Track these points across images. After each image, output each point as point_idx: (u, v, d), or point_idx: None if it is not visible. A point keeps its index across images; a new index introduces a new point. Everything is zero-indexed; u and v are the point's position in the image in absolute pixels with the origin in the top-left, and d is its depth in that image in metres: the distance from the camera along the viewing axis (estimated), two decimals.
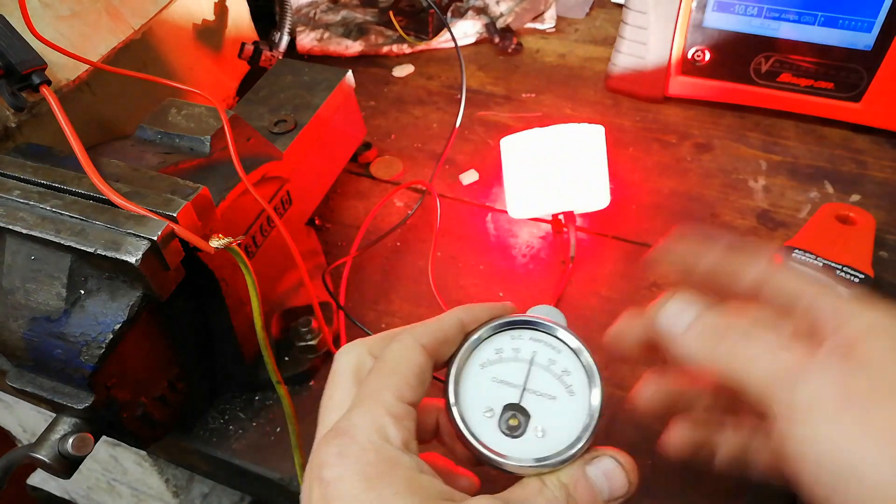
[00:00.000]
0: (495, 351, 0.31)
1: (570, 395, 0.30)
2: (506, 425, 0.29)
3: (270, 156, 0.46)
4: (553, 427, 0.29)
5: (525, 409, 0.29)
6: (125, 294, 0.35)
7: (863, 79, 0.59)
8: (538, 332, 0.31)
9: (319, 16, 0.81)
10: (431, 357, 0.28)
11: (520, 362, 0.30)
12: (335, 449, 0.24)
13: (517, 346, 0.31)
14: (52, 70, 0.45)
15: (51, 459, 0.35)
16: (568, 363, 0.30)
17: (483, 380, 0.30)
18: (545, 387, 0.30)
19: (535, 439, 0.29)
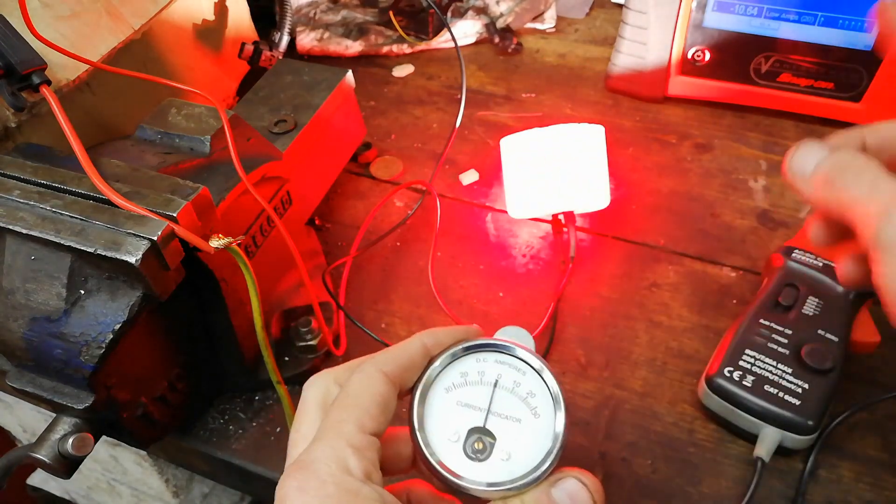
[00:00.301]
0: (460, 374, 0.31)
1: (534, 417, 0.30)
2: (471, 449, 0.29)
3: (270, 156, 0.46)
4: (518, 449, 0.29)
5: (490, 431, 0.29)
6: (125, 294, 0.35)
7: (863, 79, 0.59)
8: (503, 354, 0.31)
9: (319, 16, 0.81)
10: (395, 385, 0.28)
11: (484, 385, 0.30)
12: (295, 483, 0.24)
13: (482, 368, 0.31)
14: (52, 70, 0.45)
15: (51, 459, 0.35)
16: (533, 385, 0.30)
17: (448, 404, 0.30)
18: (510, 409, 0.30)
19: (501, 462, 0.29)
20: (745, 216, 0.57)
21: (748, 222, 0.57)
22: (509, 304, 0.53)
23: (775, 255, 0.49)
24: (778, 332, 0.45)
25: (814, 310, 0.45)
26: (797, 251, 0.48)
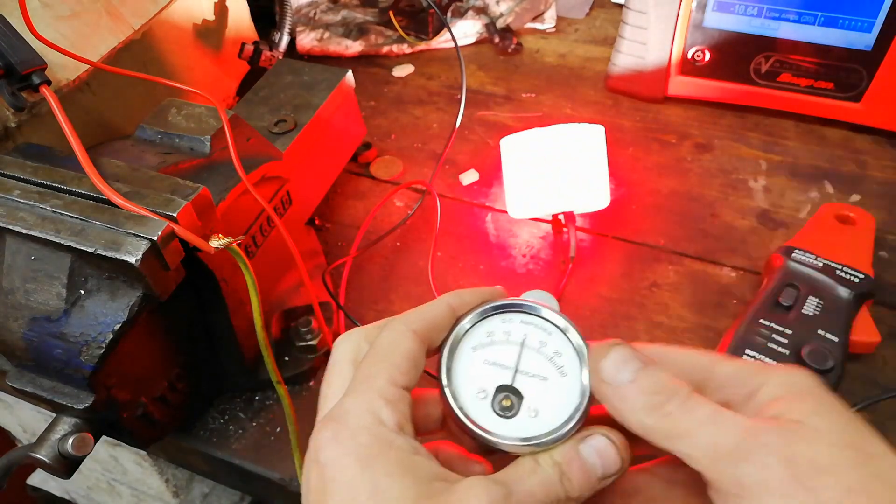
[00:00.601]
0: (487, 334, 0.31)
1: (561, 375, 0.30)
2: (499, 406, 0.30)
3: (270, 156, 0.46)
4: (545, 407, 0.29)
5: (518, 389, 0.30)
6: (125, 294, 0.35)
7: (863, 79, 0.59)
8: (528, 314, 0.31)
9: (319, 16, 0.81)
10: (423, 342, 0.29)
11: (511, 345, 0.31)
12: (329, 433, 0.25)
13: (508, 328, 0.31)
14: (52, 70, 0.45)
15: (51, 459, 0.35)
16: (559, 344, 0.30)
17: (475, 362, 0.31)
18: (537, 368, 0.30)
19: (529, 419, 0.29)
20: (745, 216, 0.57)
21: (748, 222, 0.57)
22: None
23: (775, 255, 0.49)
24: (778, 332, 0.45)
25: (814, 310, 0.45)
26: (797, 251, 0.48)
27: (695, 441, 0.24)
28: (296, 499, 0.43)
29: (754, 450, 0.23)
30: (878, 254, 0.53)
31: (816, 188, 0.59)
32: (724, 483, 0.24)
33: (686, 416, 0.25)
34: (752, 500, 0.23)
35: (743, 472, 0.23)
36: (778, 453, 0.23)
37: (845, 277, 0.46)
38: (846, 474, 0.22)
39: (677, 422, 0.25)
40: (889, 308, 0.50)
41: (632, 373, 0.26)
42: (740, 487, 0.23)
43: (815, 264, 0.47)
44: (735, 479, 0.23)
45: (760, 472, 0.23)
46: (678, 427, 0.25)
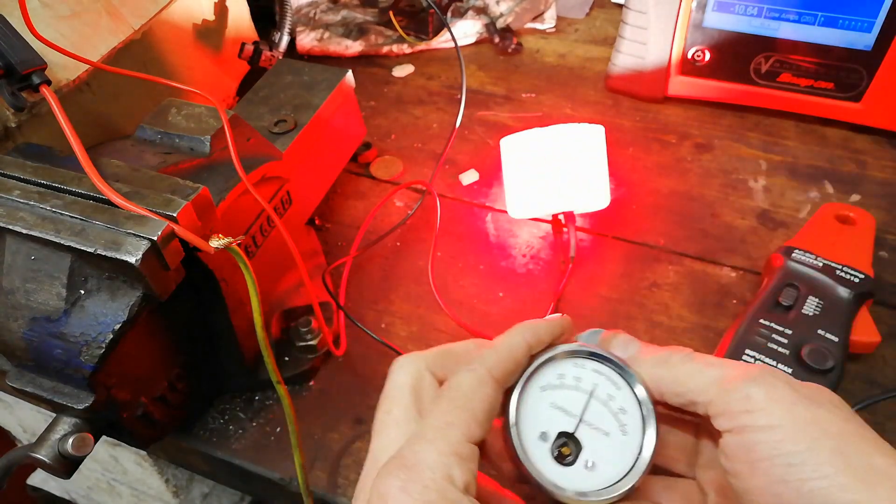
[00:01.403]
0: (558, 376, 0.31)
1: (622, 434, 0.30)
2: (557, 451, 0.29)
3: (270, 156, 0.46)
4: (602, 462, 0.29)
5: (578, 439, 0.30)
6: (125, 294, 0.35)
7: (863, 79, 0.59)
8: (601, 364, 0.31)
9: (319, 16, 0.81)
10: (501, 387, 0.28)
11: (580, 392, 0.30)
12: (398, 483, 0.24)
13: (579, 374, 0.31)
14: (52, 70, 0.45)
15: (51, 459, 0.35)
16: (625, 401, 0.30)
17: (542, 403, 0.30)
18: (601, 421, 0.30)
19: (584, 471, 0.29)
20: (745, 216, 0.57)
21: (748, 222, 0.57)
22: (509, 304, 0.53)
23: (775, 255, 0.49)
24: (778, 332, 0.45)
25: (814, 310, 0.45)
26: (797, 251, 0.48)
27: (704, 377, 0.27)
28: (296, 498, 0.43)
29: (761, 375, 0.26)
30: (878, 254, 0.53)
31: (816, 188, 0.59)
32: (733, 403, 0.26)
33: (690, 363, 0.28)
34: (760, 413, 0.25)
35: (751, 390, 0.26)
36: (783, 380, 0.26)
37: (845, 277, 0.46)
38: (843, 411, 0.26)
39: (684, 367, 0.28)
40: (889, 308, 0.50)
41: (636, 347, 0.31)
42: (749, 403, 0.26)
43: (815, 264, 0.47)
44: (745, 397, 0.26)
45: (768, 390, 0.25)
46: (685, 371, 0.28)
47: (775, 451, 0.25)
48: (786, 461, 0.24)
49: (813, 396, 0.26)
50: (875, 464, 0.24)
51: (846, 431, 0.25)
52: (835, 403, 0.26)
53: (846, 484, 0.23)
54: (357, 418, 0.47)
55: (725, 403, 0.26)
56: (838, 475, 0.23)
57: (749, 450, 0.25)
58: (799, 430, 0.25)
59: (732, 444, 0.26)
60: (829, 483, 0.23)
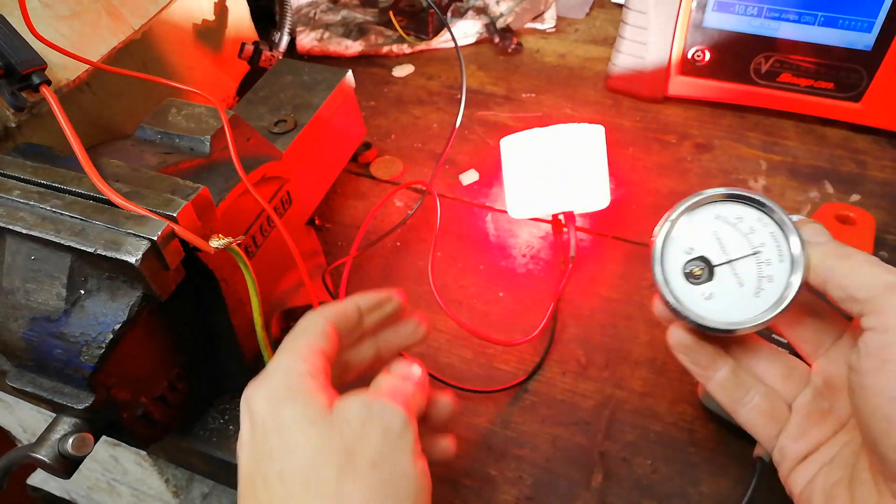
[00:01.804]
0: (736, 216, 0.33)
1: (755, 295, 0.31)
2: (689, 268, 0.32)
3: (270, 156, 0.46)
4: (719, 301, 0.31)
5: (715, 272, 0.32)
6: (125, 294, 0.35)
7: (863, 79, 0.59)
8: (781, 230, 0.32)
9: (319, 16, 0.81)
10: (333, 327, 0.34)
11: (746, 241, 0.32)
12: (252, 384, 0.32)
13: (755, 227, 0.32)
14: (52, 70, 0.45)
15: (51, 459, 0.35)
16: (778, 274, 0.31)
17: (707, 227, 0.33)
18: (744, 273, 0.32)
19: (698, 296, 0.32)
20: None
21: None
22: (509, 304, 0.53)
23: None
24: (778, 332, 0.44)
25: None
26: None
27: (875, 279, 0.28)
28: None
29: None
30: (879, 254, 0.53)
31: (816, 188, 0.59)
32: (884, 307, 0.28)
33: (865, 265, 0.29)
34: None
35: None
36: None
37: None
38: None
39: (862, 266, 0.29)
40: None
41: (826, 238, 0.32)
42: None
43: None
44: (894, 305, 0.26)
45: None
46: (863, 270, 0.29)
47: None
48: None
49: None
50: None
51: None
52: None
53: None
54: None
55: (884, 302, 0.28)
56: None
57: (885, 349, 0.27)
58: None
59: (872, 340, 0.28)
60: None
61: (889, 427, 0.26)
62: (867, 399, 0.27)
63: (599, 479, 0.43)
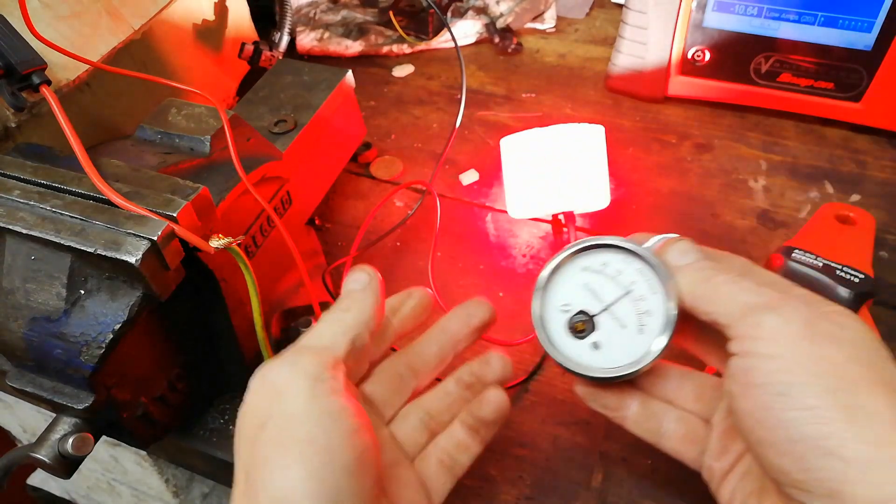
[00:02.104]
0: (602, 263, 0.33)
1: (639, 332, 0.32)
2: (571, 323, 0.32)
3: (270, 156, 0.46)
4: (608, 348, 0.32)
5: (595, 322, 0.32)
6: (125, 294, 0.35)
7: (863, 79, 0.59)
8: (646, 266, 0.32)
9: (319, 16, 0.81)
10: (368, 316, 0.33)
11: (616, 285, 0.33)
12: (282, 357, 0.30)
13: (622, 268, 0.33)
14: (52, 70, 0.45)
15: (51, 459, 0.35)
16: (654, 306, 0.32)
17: (577, 281, 0.33)
18: (623, 314, 0.32)
19: (588, 348, 0.32)
20: (745, 216, 0.57)
21: (748, 222, 0.57)
22: (509, 304, 0.53)
23: (775, 255, 0.49)
24: None
25: None
26: (797, 251, 0.48)
27: (733, 301, 0.28)
28: None
29: (781, 306, 0.27)
30: (878, 254, 0.53)
31: (816, 188, 0.59)
32: (746, 328, 0.27)
33: (730, 286, 0.29)
34: (765, 341, 0.26)
35: (765, 318, 0.27)
36: (802, 315, 0.27)
37: (845, 277, 0.46)
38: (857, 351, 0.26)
39: (722, 287, 0.29)
40: (889, 308, 0.50)
41: (693, 258, 0.32)
42: (758, 330, 0.27)
43: (815, 264, 0.47)
44: (756, 323, 0.27)
45: (782, 322, 0.26)
46: (722, 291, 0.29)
47: (769, 380, 0.26)
48: (776, 390, 0.25)
49: (831, 333, 0.26)
50: (860, 402, 0.24)
51: (847, 372, 0.25)
52: (852, 341, 0.26)
53: (825, 417, 0.24)
54: None
55: (739, 328, 0.27)
56: (819, 409, 0.24)
57: (747, 374, 0.27)
58: (798, 365, 0.25)
59: (735, 366, 0.27)
60: (810, 414, 0.24)
61: (763, 450, 0.26)
62: (741, 422, 0.27)
63: (599, 479, 0.42)
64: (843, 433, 0.24)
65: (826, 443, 0.24)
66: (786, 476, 0.25)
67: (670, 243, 0.33)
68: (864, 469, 0.23)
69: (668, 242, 0.33)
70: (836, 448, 0.23)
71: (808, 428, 0.24)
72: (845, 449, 0.23)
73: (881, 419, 0.24)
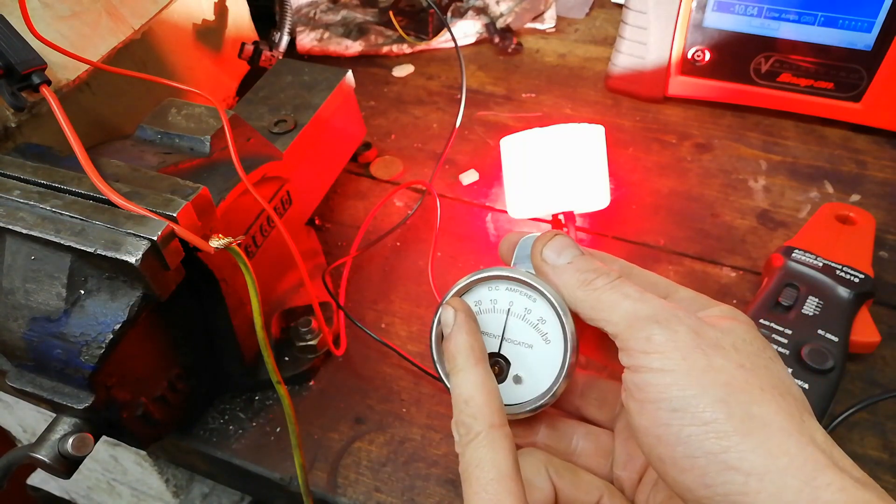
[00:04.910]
0: (474, 304, 0.32)
1: (545, 343, 0.31)
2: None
3: (270, 156, 0.46)
4: (530, 374, 0.31)
5: (505, 357, 0.31)
6: (125, 294, 0.35)
7: (863, 79, 0.59)
8: (513, 282, 0.31)
9: (319, 16, 0.81)
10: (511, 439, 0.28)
11: (497, 313, 0.31)
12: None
13: (494, 297, 0.32)
14: (52, 70, 0.45)
15: (51, 459, 0.35)
16: (543, 312, 0.31)
17: None
18: (523, 336, 0.31)
19: (514, 385, 0.31)
20: (745, 216, 0.57)
21: (748, 222, 0.57)
22: None
23: (775, 255, 0.49)
24: (778, 332, 0.45)
25: (814, 310, 0.45)
26: (797, 251, 0.48)
27: (617, 310, 0.27)
28: (296, 499, 0.43)
29: (668, 318, 0.26)
30: (878, 254, 0.53)
31: (816, 188, 0.59)
32: (635, 342, 0.26)
33: (612, 291, 0.28)
34: (656, 356, 0.26)
35: (654, 332, 0.26)
36: (688, 325, 0.26)
37: (845, 277, 0.46)
38: (743, 356, 0.26)
39: (603, 294, 0.28)
40: (889, 308, 0.50)
41: (570, 257, 0.30)
42: (648, 344, 0.26)
43: (815, 264, 0.47)
44: (646, 337, 0.26)
45: (669, 334, 0.26)
46: (604, 299, 0.28)
47: (663, 395, 0.25)
48: (670, 406, 0.25)
49: (717, 340, 0.26)
50: (753, 412, 0.24)
51: (736, 380, 0.25)
52: (737, 346, 0.26)
53: (722, 431, 0.24)
54: (357, 418, 0.47)
55: (628, 340, 0.27)
56: (717, 423, 0.24)
57: (641, 389, 0.26)
58: (689, 377, 0.25)
59: (629, 381, 0.27)
60: (707, 430, 0.24)
61: (663, 466, 0.25)
62: (640, 439, 0.26)
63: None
64: (740, 446, 0.23)
65: (725, 456, 0.23)
66: (689, 492, 0.25)
67: (543, 241, 0.31)
68: (762, 479, 0.23)
69: (541, 240, 0.31)
70: (735, 461, 0.23)
71: (706, 443, 0.24)
72: (743, 462, 0.23)
73: (773, 427, 0.24)
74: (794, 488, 0.23)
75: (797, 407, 0.25)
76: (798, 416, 0.24)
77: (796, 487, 0.23)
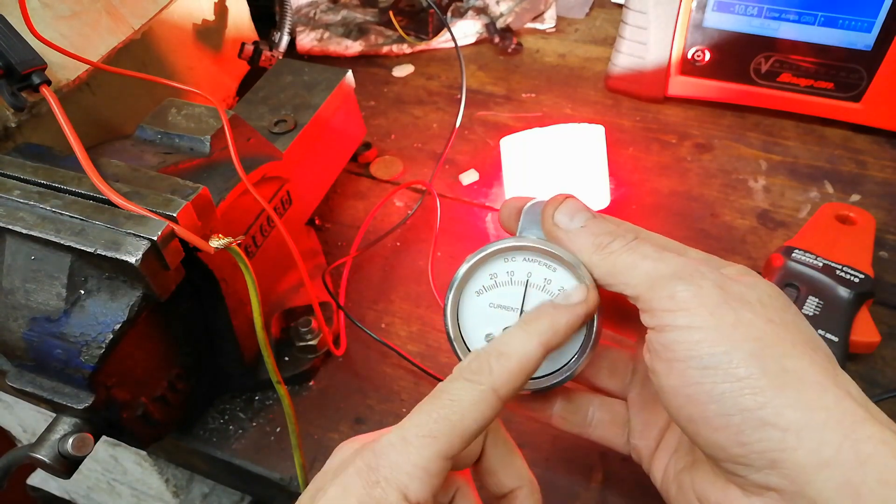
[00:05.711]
0: (490, 276, 0.30)
1: None
2: None
3: (270, 156, 0.46)
4: None
5: None
6: (125, 294, 0.35)
7: (863, 79, 0.59)
8: (530, 251, 0.30)
9: (319, 16, 0.81)
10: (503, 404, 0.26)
11: (516, 285, 0.30)
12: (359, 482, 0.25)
13: (511, 268, 0.30)
14: (52, 70, 0.45)
15: (51, 459, 0.35)
16: (564, 280, 0.29)
17: (481, 306, 0.30)
18: None
19: None
20: (745, 216, 0.57)
21: (748, 222, 0.57)
22: None
23: (775, 255, 0.49)
24: None
25: (814, 310, 0.45)
26: (797, 251, 0.48)
27: (636, 271, 0.27)
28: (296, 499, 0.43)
29: (691, 273, 0.26)
30: (878, 254, 0.53)
31: (816, 188, 0.59)
32: (658, 301, 0.26)
33: (629, 253, 0.28)
34: (682, 313, 0.25)
35: (677, 289, 0.25)
36: (712, 280, 0.25)
37: (845, 277, 0.46)
38: (770, 311, 0.25)
39: (620, 257, 0.28)
40: (889, 308, 0.50)
41: (582, 220, 0.29)
42: (672, 302, 0.25)
43: (815, 264, 0.47)
44: (669, 296, 0.25)
45: (695, 290, 0.25)
46: (620, 262, 0.27)
47: (692, 353, 0.24)
48: (701, 364, 0.24)
49: (743, 295, 0.25)
50: (787, 366, 0.23)
51: (766, 334, 0.24)
52: (763, 301, 0.25)
53: (757, 387, 0.23)
54: (357, 418, 0.47)
55: (651, 300, 0.26)
56: (750, 379, 0.23)
57: (668, 349, 0.25)
58: (719, 333, 0.24)
59: (654, 341, 0.26)
60: (741, 386, 0.23)
61: (695, 426, 0.25)
62: (669, 401, 0.26)
63: (599, 478, 0.42)
64: (776, 401, 0.23)
65: (761, 412, 0.23)
66: (722, 451, 0.24)
67: (554, 205, 0.30)
68: (800, 435, 0.22)
69: (552, 204, 0.30)
70: (772, 417, 0.23)
71: (741, 400, 0.23)
72: (780, 417, 0.23)
73: (808, 382, 0.23)
74: (834, 443, 0.22)
75: (830, 361, 0.24)
76: (832, 370, 0.24)
77: (836, 442, 0.22)
